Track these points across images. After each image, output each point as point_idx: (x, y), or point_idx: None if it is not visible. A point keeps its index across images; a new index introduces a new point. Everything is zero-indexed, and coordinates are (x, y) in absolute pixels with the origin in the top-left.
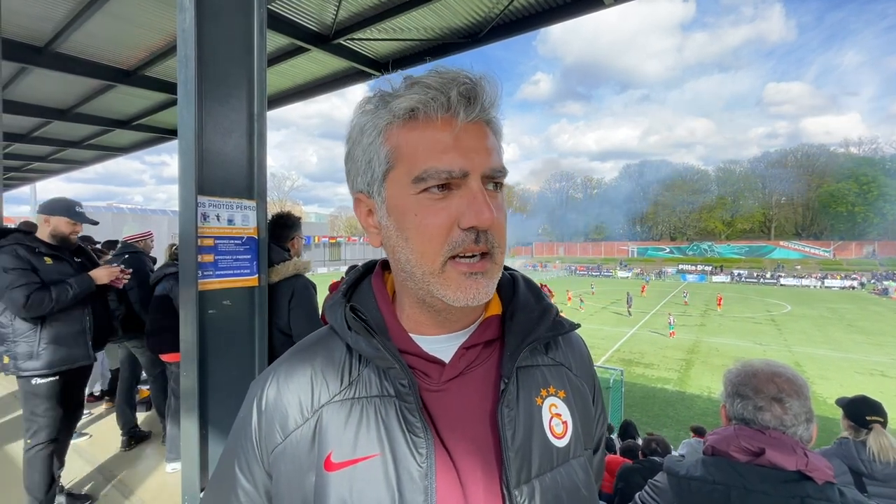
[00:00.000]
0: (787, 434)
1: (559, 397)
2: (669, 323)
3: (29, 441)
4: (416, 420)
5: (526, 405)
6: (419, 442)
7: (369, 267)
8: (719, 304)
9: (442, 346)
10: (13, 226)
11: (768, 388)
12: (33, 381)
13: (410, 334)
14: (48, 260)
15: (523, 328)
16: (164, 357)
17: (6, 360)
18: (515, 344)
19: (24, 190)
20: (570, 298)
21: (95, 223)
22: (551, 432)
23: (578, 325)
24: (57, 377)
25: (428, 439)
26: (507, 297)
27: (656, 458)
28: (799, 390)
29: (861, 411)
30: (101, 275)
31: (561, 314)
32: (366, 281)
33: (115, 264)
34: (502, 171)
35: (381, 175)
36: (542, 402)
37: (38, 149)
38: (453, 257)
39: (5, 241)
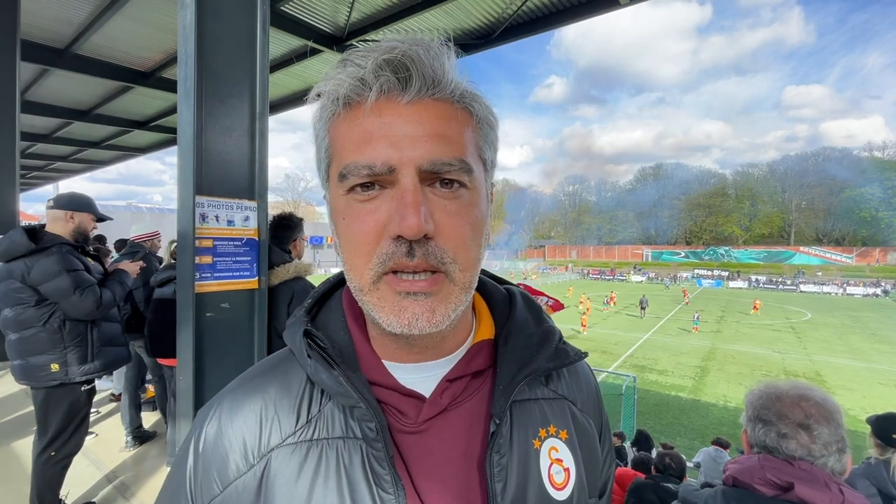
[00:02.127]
0: (816, 465)
1: (561, 439)
2: (695, 319)
3: (53, 454)
4: (385, 472)
5: (521, 450)
6: (388, 499)
7: (342, 277)
8: (756, 309)
9: (421, 376)
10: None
11: (794, 414)
12: (82, 388)
13: (384, 361)
14: (89, 259)
15: (519, 356)
16: (166, 361)
17: (55, 367)
18: (510, 376)
19: (47, 189)
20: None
21: (111, 219)
22: (551, 482)
23: (586, 354)
24: (94, 383)
25: (399, 496)
26: (502, 317)
27: (671, 486)
28: (829, 416)
29: (888, 429)
30: (131, 269)
31: (565, 339)
32: (335, 296)
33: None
34: (453, 165)
35: (325, 172)
36: (541, 446)
37: (60, 149)
38: (391, 272)
39: (46, 243)
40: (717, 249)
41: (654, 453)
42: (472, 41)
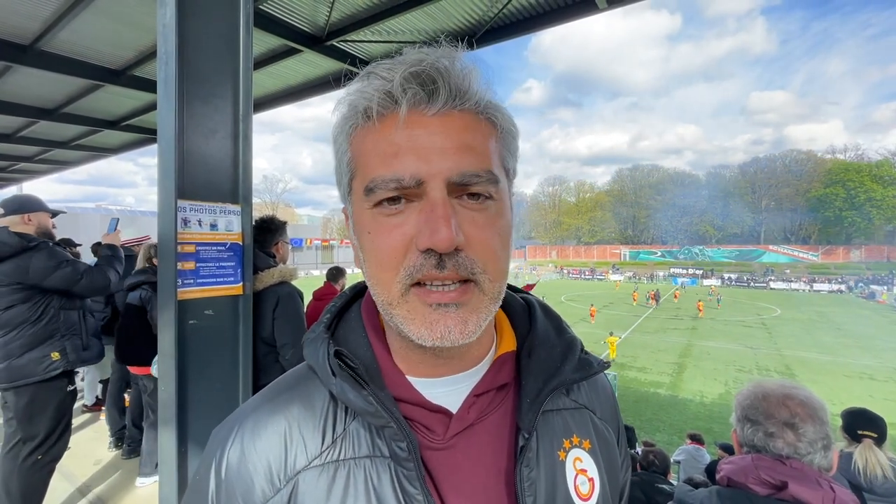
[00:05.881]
0: (805, 463)
1: (584, 449)
2: (718, 298)
3: (41, 457)
4: (417, 491)
5: (547, 462)
6: None
7: (359, 290)
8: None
9: (445, 390)
10: None
11: (780, 413)
12: (68, 389)
13: (408, 377)
14: None
15: (545, 369)
16: (134, 370)
17: (55, 356)
18: (536, 389)
19: (11, 190)
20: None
21: (64, 212)
22: (577, 493)
23: (608, 364)
24: (75, 384)
25: None
26: (523, 328)
27: (658, 483)
28: (814, 413)
29: (855, 424)
30: (115, 239)
31: (586, 349)
32: (353, 309)
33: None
34: (481, 176)
35: (347, 186)
36: (566, 457)
37: (25, 149)
38: (418, 283)
39: (30, 241)
40: (691, 248)
41: (638, 449)
42: (452, 43)
